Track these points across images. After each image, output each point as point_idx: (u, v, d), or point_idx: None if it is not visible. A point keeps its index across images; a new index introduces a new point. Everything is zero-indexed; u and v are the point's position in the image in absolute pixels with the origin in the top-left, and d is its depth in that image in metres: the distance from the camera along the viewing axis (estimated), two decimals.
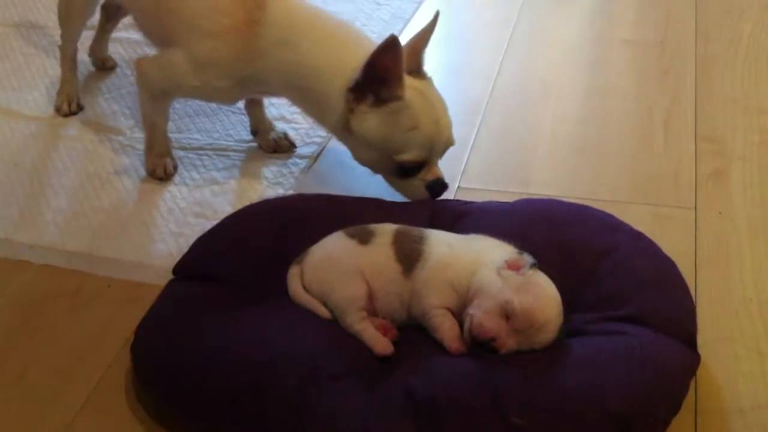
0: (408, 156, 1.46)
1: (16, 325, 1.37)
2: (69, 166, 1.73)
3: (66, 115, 1.89)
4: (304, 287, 1.27)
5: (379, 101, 1.42)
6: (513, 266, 1.17)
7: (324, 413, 1.08)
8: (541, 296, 1.15)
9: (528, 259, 1.18)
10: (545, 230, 1.35)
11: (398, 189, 1.53)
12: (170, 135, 1.77)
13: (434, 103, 1.48)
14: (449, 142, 1.51)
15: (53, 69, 2.04)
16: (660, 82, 1.95)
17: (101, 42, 2.06)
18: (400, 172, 1.49)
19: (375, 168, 1.53)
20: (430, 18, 1.50)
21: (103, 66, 2.07)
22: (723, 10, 2.21)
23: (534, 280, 1.16)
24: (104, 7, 1.99)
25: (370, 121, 1.44)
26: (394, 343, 1.20)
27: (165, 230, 1.55)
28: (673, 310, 1.22)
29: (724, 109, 1.84)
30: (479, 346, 1.13)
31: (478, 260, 1.21)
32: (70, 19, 1.89)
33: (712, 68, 1.98)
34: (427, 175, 1.50)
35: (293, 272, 1.29)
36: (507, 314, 1.12)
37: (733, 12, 2.21)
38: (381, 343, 1.19)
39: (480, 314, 1.13)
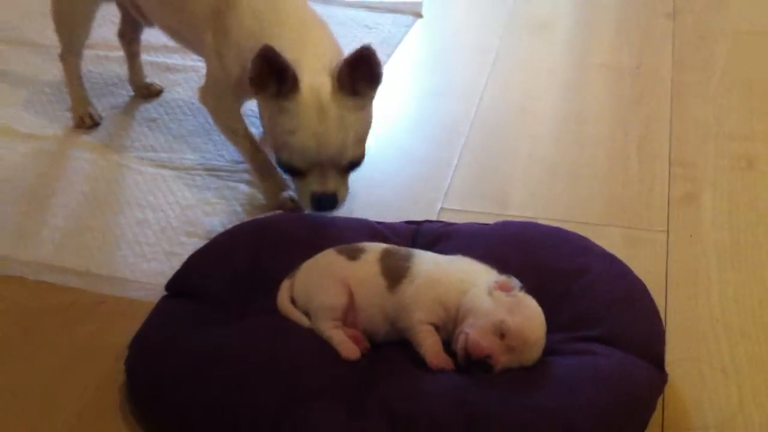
0: (285, 157, 1.46)
1: (11, 337, 1.41)
2: (65, 185, 1.78)
3: (90, 128, 1.95)
4: (293, 300, 1.33)
5: (278, 94, 1.42)
6: (504, 287, 1.23)
7: (304, 430, 1.13)
8: (532, 316, 1.21)
9: (516, 281, 1.24)
10: (521, 252, 1.41)
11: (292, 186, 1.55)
12: (163, 155, 1.83)
13: (329, 117, 1.42)
14: (338, 160, 1.46)
15: (49, 87, 2.09)
16: (635, 106, 2.02)
17: (135, 69, 2.08)
18: (283, 169, 1.51)
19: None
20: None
21: (149, 93, 2.09)
22: (699, 36, 2.29)
23: (524, 301, 1.23)
24: (121, 35, 2.04)
25: (262, 109, 1.49)
26: (376, 360, 1.26)
27: (158, 249, 1.60)
28: (642, 332, 1.28)
29: (696, 134, 1.90)
30: (473, 365, 1.19)
31: (466, 279, 1.27)
32: (73, 30, 1.92)
33: (686, 94, 2.04)
34: (314, 185, 1.47)
35: (284, 285, 1.35)
36: (501, 333, 1.18)
37: (709, 39, 2.28)
38: (348, 348, 1.24)
39: (475, 333, 1.19)
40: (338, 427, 1.13)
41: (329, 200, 1.49)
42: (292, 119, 1.42)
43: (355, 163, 1.49)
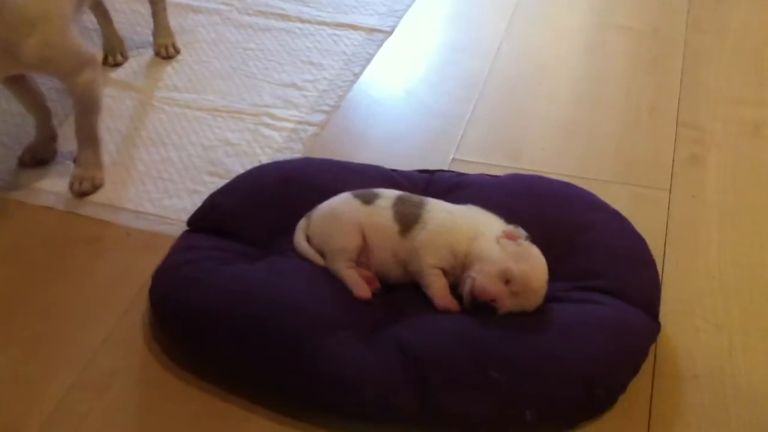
0: None
1: (43, 265, 1.49)
2: None
3: (113, 66, 2.02)
4: (309, 238, 1.40)
5: None
6: (511, 237, 1.30)
7: (323, 360, 1.21)
8: (536, 265, 1.29)
9: (522, 231, 1.31)
10: (531, 204, 1.47)
11: None
12: (186, 95, 1.88)
13: None
14: None
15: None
16: (649, 68, 2.05)
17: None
18: None
19: None
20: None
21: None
22: (715, 0, 2.31)
23: (529, 250, 1.30)
24: None
25: None
26: (388, 300, 1.33)
27: (181, 186, 1.66)
28: (639, 284, 1.35)
29: (706, 97, 1.94)
30: (478, 307, 1.26)
31: (475, 228, 1.34)
32: None
33: (699, 57, 2.08)
34: None
35: (301, 225, 1.42)
36: (506, 279, 1.25)
37: (725, 2, 2.30)
38: (361, 288, 1.32)
39: (482, 278, 1.26)
40: (354, 361, 1.21)
41: None
42: None
43: None
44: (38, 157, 1.73)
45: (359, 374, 1.19)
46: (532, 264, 1.28)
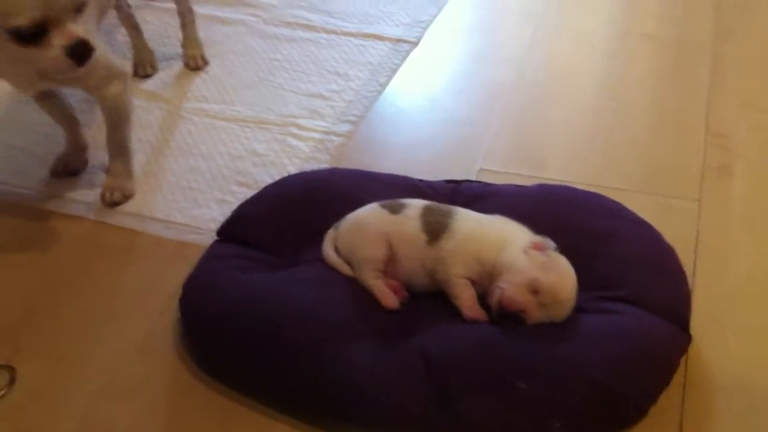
0: (21, 20, 1.28)
1: (74, 273, 1.51)
2: None
3: (144, 77, 2.05)
4: (337, 249, 1.40)
5: None
6: (539, 247, 1.30)
7: (343, 367, 1.21)
8: (564, 275, 1.28)
9: (551, 242, 1.31)
10: (555, 213, 1.46)
11: (35, 65, 1.37)
12: (215, 106, 1.89)
13: None
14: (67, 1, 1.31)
15: (106, 35, 2.16)
16: (675, 76, 2.04)
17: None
18: (21, 39, 1.30)
19: None
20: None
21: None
22: (741, 6, 2.29)
23: (557, 261, 1.29)
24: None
25: None
26: (414, 310, 1.33)
27: (210, 196, 1.67)
28: (667, 294, 1.34)
29: (734, 105, 1.92)
30: (506, 318, 1.26)
31: (503, 238, 1.34)
32: None
33: (726, 64, 2.06)
34: (60, 38, 1.32)
35: (329, 235, 1.43)
36: (535, 289, 1.25)
37: (751, 9, 2.28)
38: (388, 297, 1.33)
39: (510, 288, 1.26)
40: (370, 366, 1.21)
41: (85, 45, 1.35)
42: None
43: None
44: (70, 168, 1.75)
45: (381, 382, 1.20)
46: (560, 275, 1.28)
